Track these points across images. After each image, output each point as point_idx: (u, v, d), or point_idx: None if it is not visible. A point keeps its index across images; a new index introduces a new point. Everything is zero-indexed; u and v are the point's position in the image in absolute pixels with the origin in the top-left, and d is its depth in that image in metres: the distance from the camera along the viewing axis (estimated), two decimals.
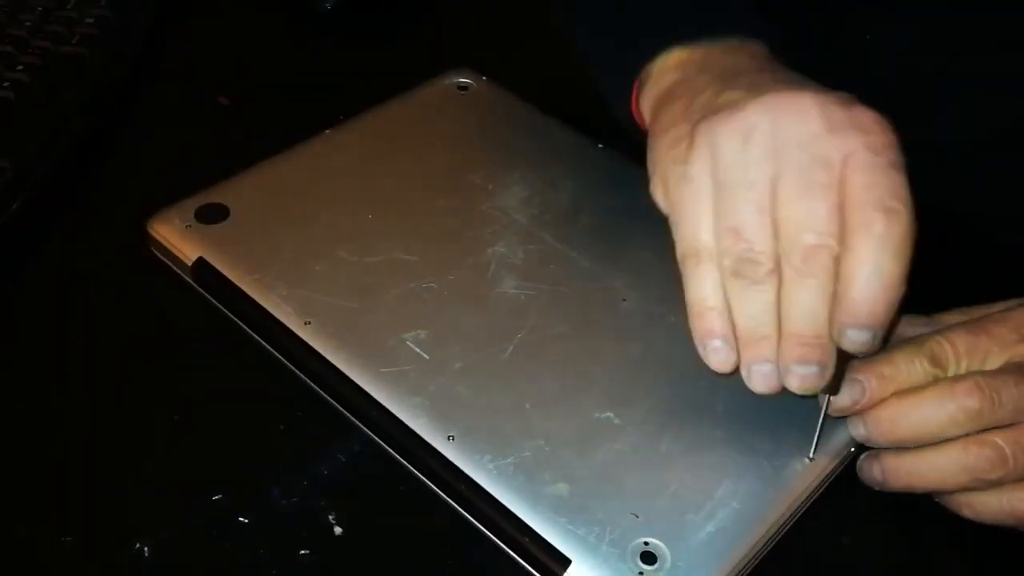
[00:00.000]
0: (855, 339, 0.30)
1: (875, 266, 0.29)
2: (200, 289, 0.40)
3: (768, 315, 0.31)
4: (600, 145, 0.47)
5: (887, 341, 0.33)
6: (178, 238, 0.41)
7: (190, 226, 0.41)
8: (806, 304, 0.30)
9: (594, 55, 0.44)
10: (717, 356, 0.32)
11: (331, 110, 0.49)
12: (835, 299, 0.30)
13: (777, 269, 0.31)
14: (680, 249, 0.33)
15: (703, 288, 0.32)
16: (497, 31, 0.60)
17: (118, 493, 0.34)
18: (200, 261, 0.40)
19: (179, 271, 0.41)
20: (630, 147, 0.46)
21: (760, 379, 0.32)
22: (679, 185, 0.33)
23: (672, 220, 0.33)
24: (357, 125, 0.47)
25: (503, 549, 0.32)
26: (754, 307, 0.31)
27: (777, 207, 0.31)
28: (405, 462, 0.35)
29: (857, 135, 0.30)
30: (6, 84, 0.46)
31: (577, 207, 0.44)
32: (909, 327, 0.36)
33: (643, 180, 0.44)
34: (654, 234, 0.43)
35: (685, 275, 0.33)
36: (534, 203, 0.44)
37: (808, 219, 0.30)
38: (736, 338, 0.32)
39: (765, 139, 0.31)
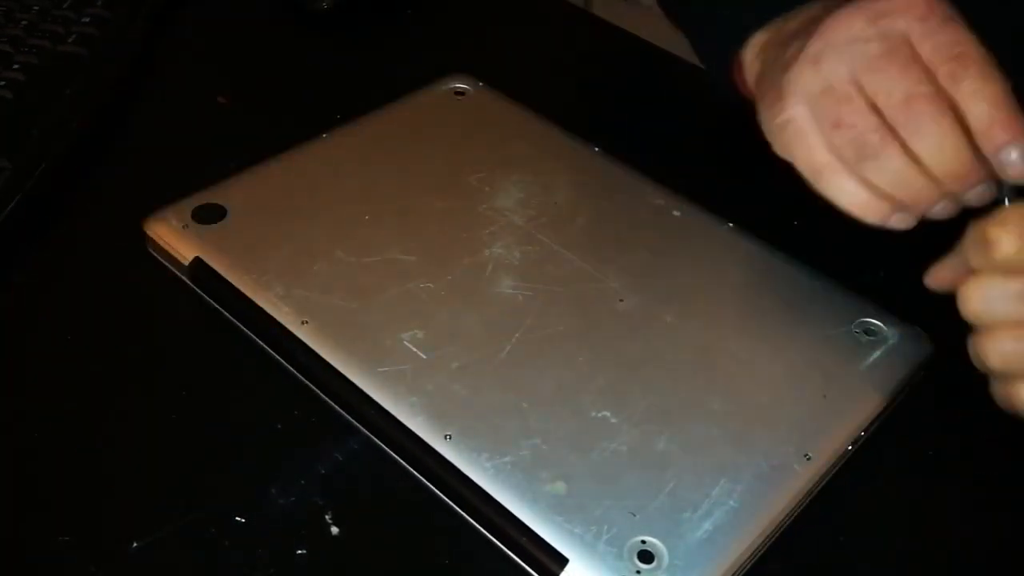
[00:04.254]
0: (1009, 157, 0.32)
1: (978, 99, 0.32)
2: (197, 289, 0.40)
3: (912, 173, 0.34)
4: (596, 148, 0.47)
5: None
6: (175, 238, 0.41)
7: (187, 226, 0.41)
8: (933, 140, 0.33)
9: (695, 42, 0.49)
10: (905, 224, 0.35)
11: (329, 111, 0.50)
12: (975, 144, 0.33)
13: (893, 136, 0.34)
14: (810, 178, 0.36)
15: (845, 191, 0.35)
16: (495, 34, 0.61)
17: (115, 492, 0.34)
18: (197, 261, 0.40)
19: (176, 271, 0.41)
20: (625, 150, 0.47)
21: (943, 214, 0.35)
22: (783, 131, 0.36)
23: (791, 157, 0.36)
24: (354, 128, 0.48)
25: (500, 548, 0.32)
26: (893, 174, 0.34)
27: (863, 92, 0.34)
28: (402, 461, 0.35)
29: (901, 14, 0.34)
30: (3, 83, 0.46)
31: (574, 209, 0.44)
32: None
33: (638, 184, 0.45)
34: (651, 235, 0.43)
35: (829, 195, 0.35)
36: (531, 205, 0.44)
37: (888, 82, 0.34)
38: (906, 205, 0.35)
39: (827, 55, 0.35)
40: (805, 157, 0.36)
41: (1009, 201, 0.34)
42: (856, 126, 0.34)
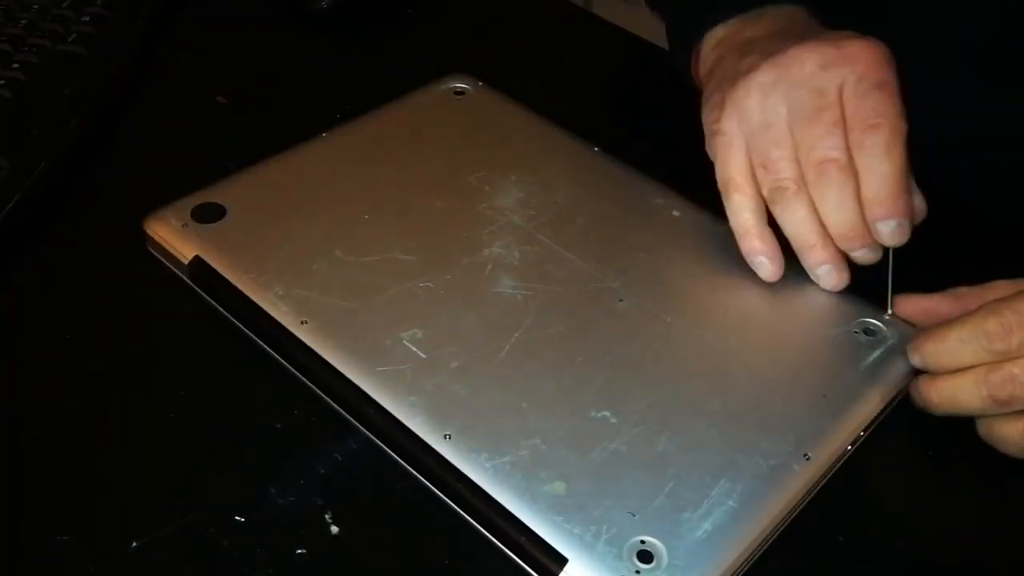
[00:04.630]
0: (883, 230, 0.38)
1: (873, 172, 0.37)
2: (197, 288, 0.40)
3: (809, 225, 0.39)
4: (596, 148, 0.47)
5: (913, 227, 0.39)
6: (175, 237, 0.41)
7: (187, 225, 0.41)
8: (831, 204, 0.38)
9: (668, 29, 0.52)
10: (763, 270, 0.40)
11: (329, 110, 0.50)
12: (861, 206, 0.38)
13: (804, 187, 0.38)
14: (720, 187, 0.40)
15: (741, 213, 0.40)
16: (495, 34, 0.61)
17: (115, 492, 0.34)
18: (197, 260, 0.40)
19: (176, 270, 0.41)
20: (625, 150, 0.47)
21: (826, 278, 0.40)
22: (714, 139, 0.41)
23: (715, 166, 0.41)
24: (354, 128, 0.48)
25: (500, 548, 0.32)
26: (795, 223, 0.39)
27: (792, 139, 0.39)
28: (401, 461, 0.35)
29: (846, 66, 0.38)
30: (2, 82, 0.46)
31: (573, 209, 0.44)
32: (956, 300, 0.38)
33: (638, 184, 0.45)
34: (650, 235, 0.43)
35: (727, 207, 0.40)
36: (531, 204, 0.44)
37: (811, 139, 0.38)
38: (779, 254, 0.40)
39: (776, 89, 0.39)
40: (724, 168, 0.40)
41: (891, 268, 0.39)
42: (779, 174, 0.39)
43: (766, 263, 0.40)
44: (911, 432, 0.38)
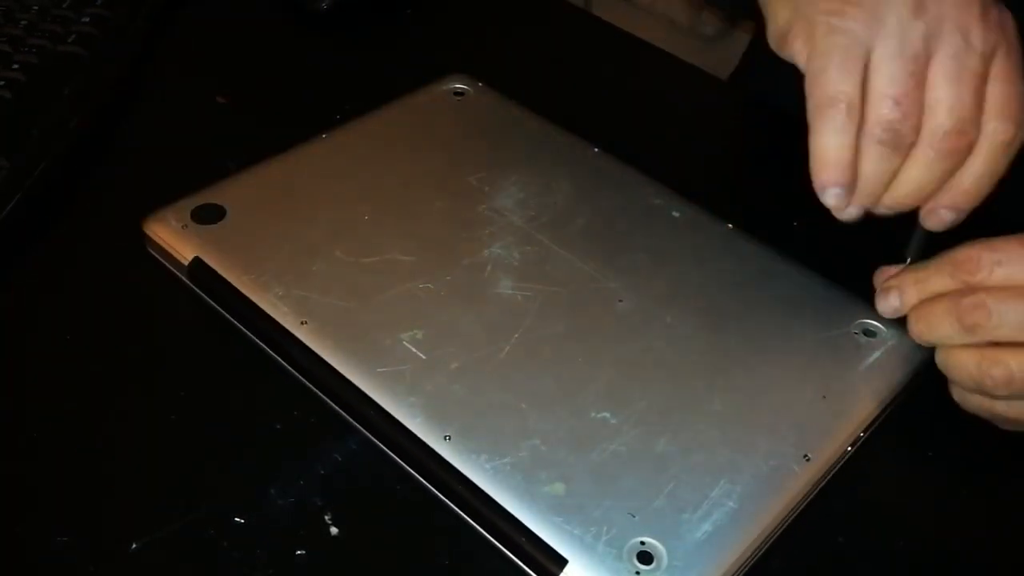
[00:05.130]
0: (946, 218, 0.35)
1: (983, 165, 0.33)
2: (196, 289, 0.40)
3: (889, 177, 0.34)
4: (596, 149, 0.47)
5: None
6: (174, 238, 0.41)
7: (186, 226, 0.41)
8: (924, 181, 0.34)
9: None
10: (835, 202, 0.35)
11: (329, 111, 0.50)
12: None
13: (909, 144, 0.33)
14: (820, 95, 0.33)
15: (838, 138, 0.33)
16: (495, 34, 0.61)
17: (115, 492, 0.34)
18: (196, 261, 0.40)
19: (175, 271, 0.41)
20: (625, 150, 0.47)
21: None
22: (831, 35, 0.33)
23: (814, 67, 0.34)
24: (354, 128, 0.48)
25: (500, 549, 0.32)
26: (883, 172, 0.34)
27: (930, 86, 0.33)
28: (401, 462, 0.35)
29: (1002, 35, 0.33)
30: (2, 83, 0.46)
31: (573, 209, 0.44)
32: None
33: (638, 184, 0.45)
34: (650, 236, 0.43)
35: (820, 122, 0.33)
36: (531, 205, 0.44)
37: (956, 104, 0.33)
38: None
39: (931, 17, 0.33)
40: (834, 74, 0.33)
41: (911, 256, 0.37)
42: (907, 119, 0.33)
43: (841, 196, 0.34)
44: (910, 433, 0.38)
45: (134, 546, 0.32)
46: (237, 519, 0.34)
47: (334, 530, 0.33)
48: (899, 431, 0.37)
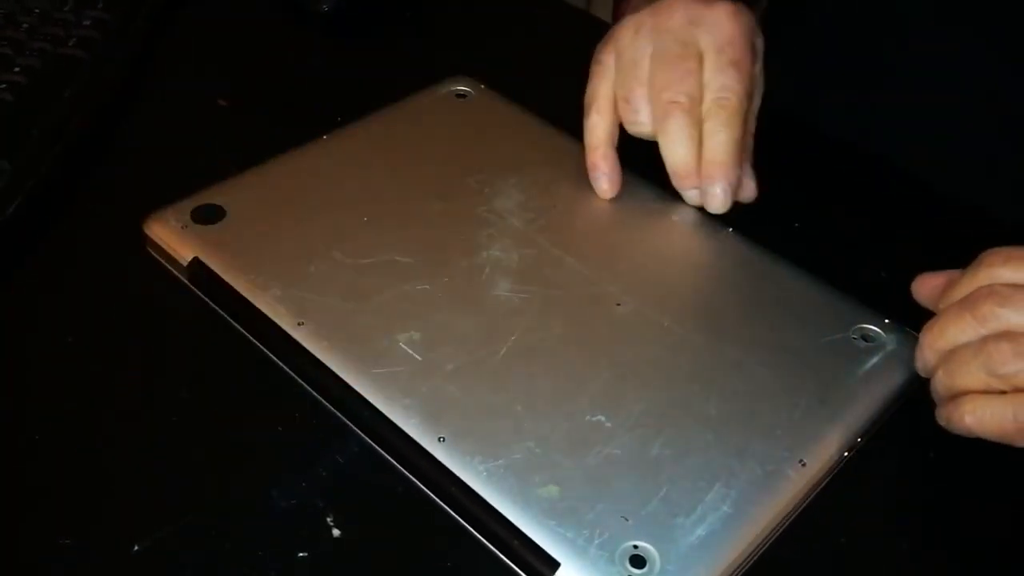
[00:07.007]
0: (711, 192, 0.42)
1: (712, 138, 0.42)
2: (195, 289, 0.40)
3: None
4: None
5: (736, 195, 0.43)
6: (174, 238, 0.41)
7: (186, 227, 0.41)
8: (670, 140, 0.43)
9: None
10: (599, 184, 0.45)
11: (329, 113, 0.50)
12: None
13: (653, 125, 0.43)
14: (584, 108, 0.45)
15: (594, 130, 0.44)
16: (496, 36, 0.61)
17: (115, 494, 0.34)
18: (196, 261, 0.40)
19: (175, 271, 0.41)
20: (625, 153, 0.47)
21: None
22: (592, 68, 0.45)
23: (588, 83, 0.45)
24: (354, 130, 0.48)
25: (492, 551, 0.32)
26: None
27: (652, 78, 0.43)
28: (396, 463, 0.35)
29: (707, 30, 0.43)
30: (4, 86, 0.46)
31: (572, 212, 0.44)
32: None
33: (637, 187, 0.45)
34: (649, 239, 0.43)
35: (584, 125, 0.45)
36: (530, 207, 0.44)
37: (664, 82, 0.43)
38: (617, 176, 0.45)
39: (647, 31, 0.44)
40: (591, 92, 0.45)
41: None
42: (638, 111, 0.43)
43: (603, 179, 0.44)
44: (908, 439, 0.38)
45: (135, 548, 0.33)
46: (238, 520, 0.34)
47: (336, 532, 0.33)
48: (896, 437, 0.37)
